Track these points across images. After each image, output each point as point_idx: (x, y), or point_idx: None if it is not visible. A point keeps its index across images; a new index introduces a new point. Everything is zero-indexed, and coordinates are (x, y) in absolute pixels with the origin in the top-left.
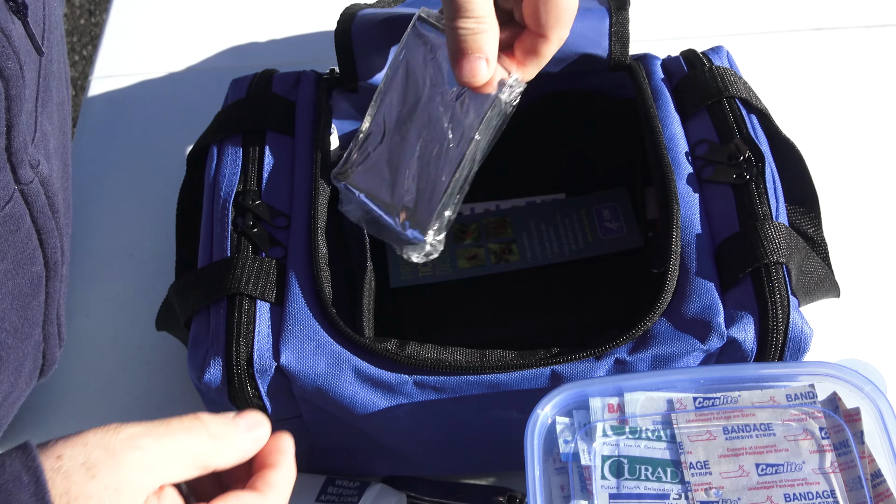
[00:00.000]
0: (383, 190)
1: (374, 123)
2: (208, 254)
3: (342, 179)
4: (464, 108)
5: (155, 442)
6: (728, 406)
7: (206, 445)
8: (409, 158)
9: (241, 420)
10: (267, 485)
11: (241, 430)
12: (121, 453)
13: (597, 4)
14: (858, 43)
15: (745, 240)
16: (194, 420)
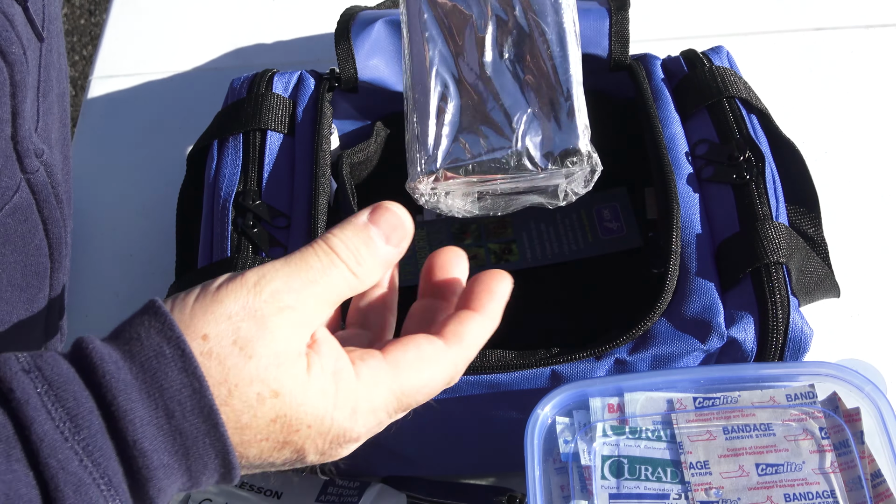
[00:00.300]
0: (497, 143)
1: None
2: (208, 254)
3: (429, 172)
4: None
5: (300, 296)
6: (728, 406)
7: (349, 281)
8: (506, 94)
9: (377, 232)
10: (457, 337)
11: (379, 247)
12: (271, 320)
13: (597, 4)
14: (858, 43)
15: (746, 240)
16: (328, 254)
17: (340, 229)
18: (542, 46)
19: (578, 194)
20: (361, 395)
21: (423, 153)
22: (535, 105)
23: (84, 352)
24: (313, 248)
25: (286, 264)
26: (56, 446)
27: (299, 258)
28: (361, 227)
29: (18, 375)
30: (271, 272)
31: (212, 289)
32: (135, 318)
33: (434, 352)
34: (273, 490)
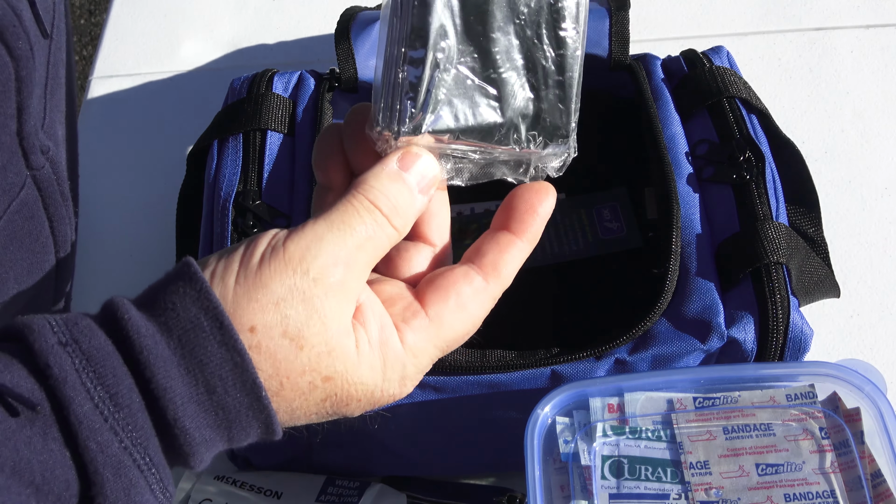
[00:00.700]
0: (488, 113)
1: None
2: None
3: (415, 132)
4: None
5: (347, 268)
6: (728, 406)
7: (391, 237)
8: (506, 62)
9: (411, 179)
10: (496, 270)
11: (416, 196)
12: (320, 301)
13: (597, 5)
14: (858, 43)
15: (746, 240)
16: (370, 211)
17: (376, 178)
18: (551, 18)
19: (547, 176)
20: (409, 362)
21: (404, 106)
22: (533, 78)
23: (119, 323)
24: (354, 206)
25: (329, 229)
26: (95, 427)
27: (342, 221)
28: (395, 176)
29: (55, 349)
30: (315, 243)
31: (252, 266)
32: (169, 283)
33: (473, 293)
34: (273, 490)
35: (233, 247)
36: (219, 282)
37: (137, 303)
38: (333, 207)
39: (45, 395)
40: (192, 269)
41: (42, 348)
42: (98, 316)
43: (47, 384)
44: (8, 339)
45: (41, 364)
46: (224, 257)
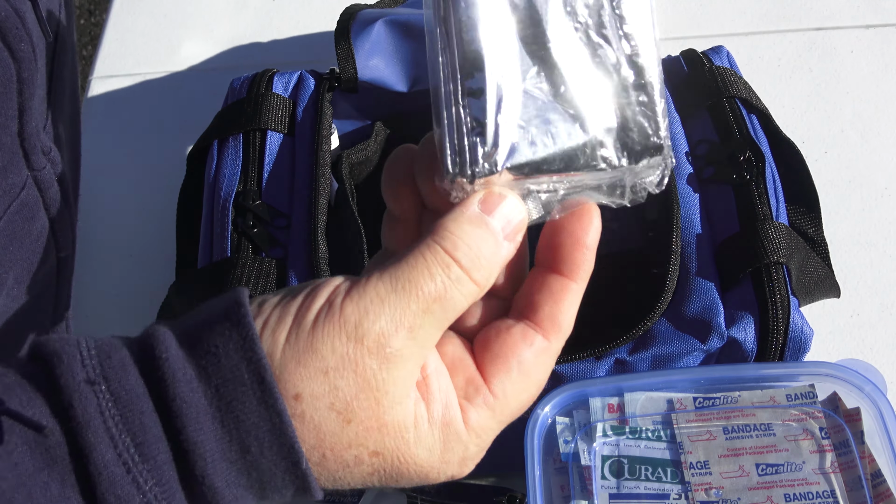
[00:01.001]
0: (567, 134)
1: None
2: (208, 254)
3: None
4: None
5: (411, 336)
6: (728, 406)
7: (470, 295)
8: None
9: (495, 225)
10: (555, 324)
11: (501, 245)
12: (374, 376)
13: None
14: (858, 43)
15: (746, 240)
16: (446, 266)
17: (455, 223)
18: (615, 15)
19: (649, 193)
20: (471, 443)
21: (473, 145)
22: (610, 85)
23: (156, 362)
24: (426, 260)
25: (392, 289)
26: (117, 479)
27: (408, 278)
28: (478, 221)
29: (81, 388)
30: (375, 305)
31: (306, 325)
32: (216, 320)
33: (535, 356)
34: None
35: (292, 292)
36: (269, 335)
37: (180, 334)
38: (402, 258)
39: (65, 438)
40: (243, 311)
41: (67, 384)
42: (136, 344)
43: (68, 426)
44: (36, 358)
45: (65, 402)
46: (280, 306)
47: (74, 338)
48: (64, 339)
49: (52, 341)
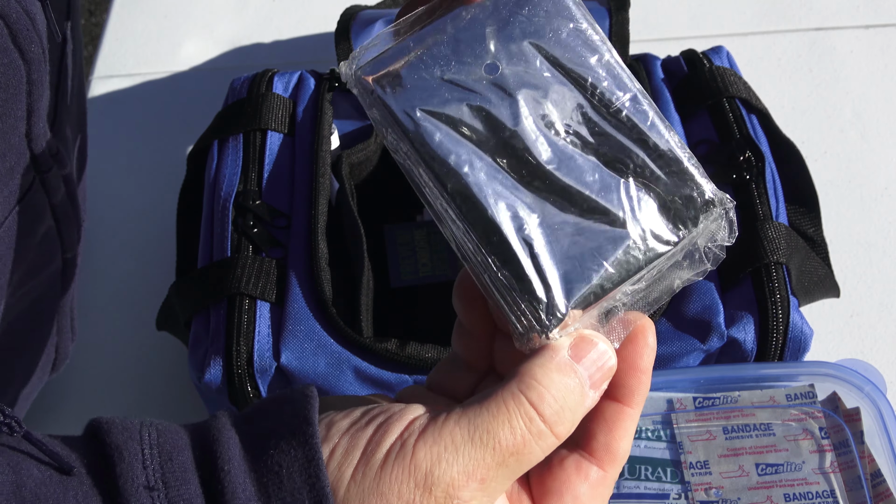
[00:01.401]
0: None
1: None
2: (208, 254)
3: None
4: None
5: (483, 488)
6: (728, 406)
7: (548, 447)
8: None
9: (584, 375)
10: (611, 454)
11: (587, 397)
12: None
13: (597, 5)
14: (858, 43)
15: (746, 240)
16: (529, 420)
17: (542, 371)
18: (590, 96)
19: (728, 244)
20: None
21: (529, 304)
22: (627, 171)
23: (218, 474)
24: (507, 410)
25: (469, 438)
26: None
27: (487, 428)
28: (567, 369)
29: (140, 493)
30: (449, 454)
31: (374, 464)
32: (282, 437)
33: (591, 489)
34: None
35: (365, 415)
36: (335, 467)
37: (245, 439)
38: (483, 403)
39: None
40: (311, 431)
41: (126, 488)
42: (198, 442)
43: None
44: (96, 440)
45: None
46: (350, 434)
47: (137, 424)
48: (126, 428)
49: (115, 430)
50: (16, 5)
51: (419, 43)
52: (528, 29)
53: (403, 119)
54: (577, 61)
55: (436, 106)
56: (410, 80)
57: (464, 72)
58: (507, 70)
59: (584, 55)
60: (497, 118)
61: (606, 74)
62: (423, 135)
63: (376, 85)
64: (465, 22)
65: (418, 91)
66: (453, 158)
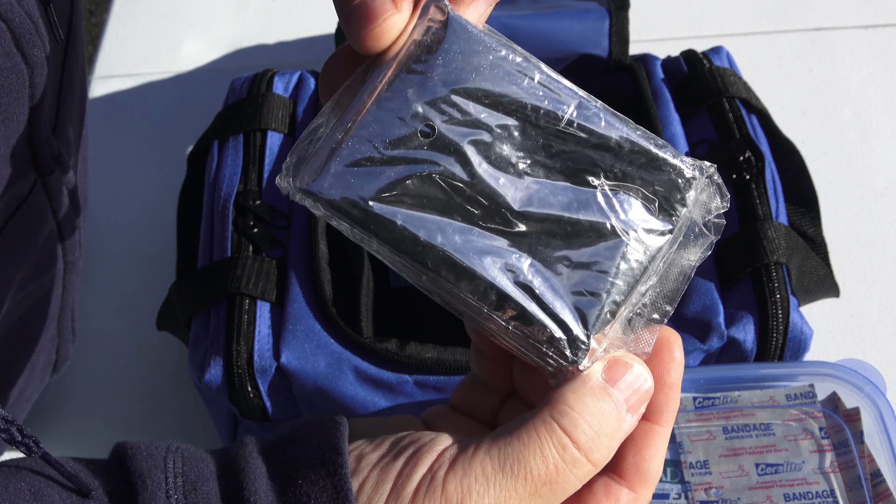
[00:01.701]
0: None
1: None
2: (209, 254)
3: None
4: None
5: None
6: (728, 406)
7: (584, 476)
8: (559, 195)
9: (619, 399)
10: (642, 475)
11: (624, 422)
12: None
13: (596, 5)
14: (858, 43)
15: (745, 240)
16: (562, 447)
17: (576, 397)
18: (535, 120)
19: (724, 209)
20: None
21: (553, 346)
22: (599, 179)
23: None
24: (539, 439)
25: (500, 468)
26: None
27: (517, 458)
28: (601, 393)
29: None
30: (480, 485)
31: (405, 499)
32: (310, 467)
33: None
34: None
35: (394, 448)
36: (366, 500)
37: (272, 467)
38: (514, 432)
39: None
40: (340, 461)
41: None
42: (224, 469)
43: None
44: (121, 467)
45: None
46: (379, 467)
47: (162, 451)
48: (151, 455)
49: (139, 456)
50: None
51: (345, 130)
52: (450, 78)
53: (359, 216)
54: (509, 91)
55: (385, 189)
56: (350, 172)
57: (401, 144)
58: (442, 127)
59: (515, 82)
60: (451, 177)
61: (544, 92)
62: (383, 224)
63: (318, 191)
64: (384, 93)
65: (362, 181)
66: (423, 234)
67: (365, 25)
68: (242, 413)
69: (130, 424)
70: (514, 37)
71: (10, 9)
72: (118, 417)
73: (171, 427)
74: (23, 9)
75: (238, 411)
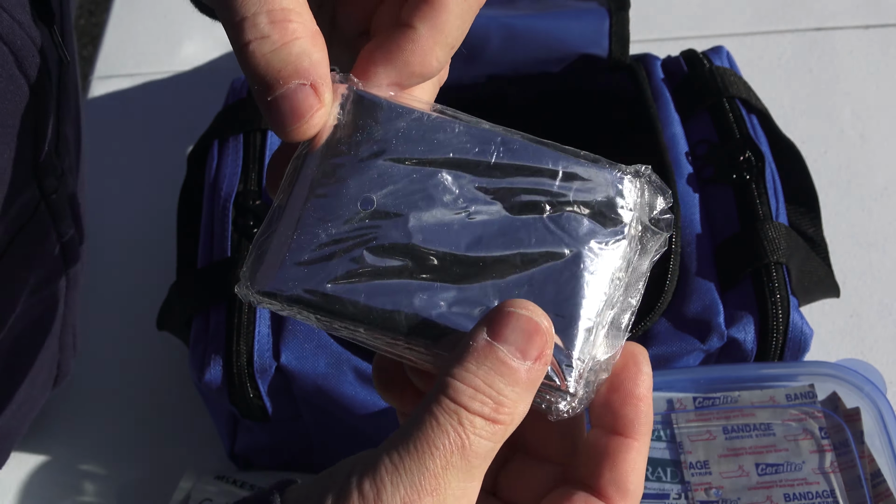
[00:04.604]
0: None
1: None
2: (209, 254)
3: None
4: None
5: (440, 499)
6: (728, 406)
7: (494, 435)
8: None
9: (509, 350)
10: (622, 490)
11: (519, 371)
12: None
13: (596, 5)
14: (858, 43)
15: (745, 240)
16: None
17: (460, 364)
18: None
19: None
20: None
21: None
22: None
23: None
24: (435, 414)
25: (407, 453)
26: None
27: (420, 439)
28: (486, 351)
29: None
30: (391, 475)
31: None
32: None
33: None
34: None
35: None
36: None
37: None
38: (409, 419)
39: None
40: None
41: None
42: None
43: None
44: None
45: None
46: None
47: None
48: None
49: None
50: (20, 32)
51: (290, 224)
52: (375, 148)
53: (320, 303)
54: (433, 147)
55: (339, 270)
56: (303, 264)
57: (344, 224)
58: (379, 197)
59: (436, 137)
60: (399, 242)
61: (467, 139)
62: (347, 304)
63: (277, 290)
64: (318, 180)
65: (316, 269)
66: (388, 303)
67: (292, 123)
68: (242, 413)
69: (130, 424)
70: (513, 37)
71: (12, 31)
72: (118, 417)
73: (171, 427)
74: (24, 31)
75: (238, 411)
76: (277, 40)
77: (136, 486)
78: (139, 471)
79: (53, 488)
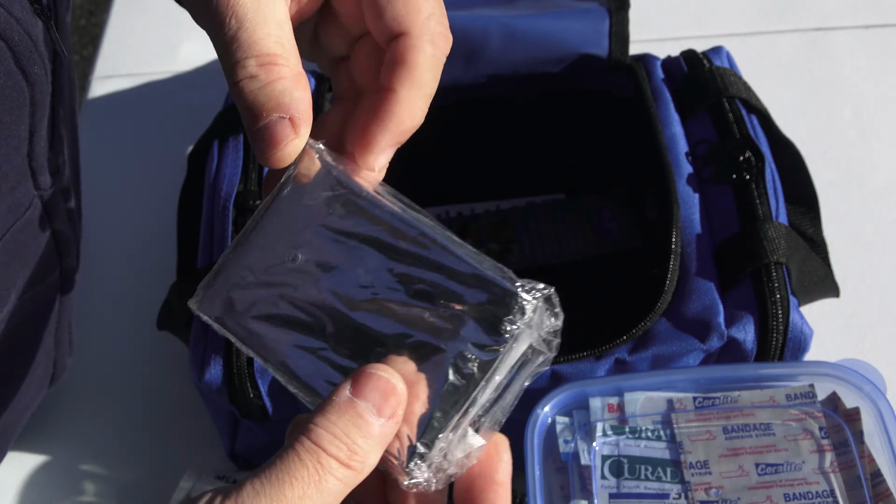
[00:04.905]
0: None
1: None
2: (209, 254)
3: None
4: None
5: None
6: (728, 406)
7: (346, 478)
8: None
9: (366, 406)
10: None
11: (372, 425)
12: None
13: (596, 5)
14: (858, 43)
15: (745, 240)
16: (314, 453)
17: (322, 414)
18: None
19: (557, 328)
20: None
21: (392, 458)
22: (436, 300)
23: None
24: (297, 451)
25: (268, 481)
26: None
27: (282, 470)
28: (346, 406)
29: None
30: (252, 499)
31: None
32: None
33: None
34: None
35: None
36: None
37: None
38: (276, 455)
39: None
40: None
41: None
42: None
43: None
44: None
45: None
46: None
47: None
48: None
49: None
50: (17, 27)
51: (244, 252)
52: (320, 211)
53: (236, 330)
54: (362, 224)
55: (257, 309)
56: (233, 294)
57: (271, 270)
58: (303, 256)
59: (368, 216)
60: (311, 300)
61: (390, 222)
62: (255, 337)
63: (207, 312)
64: (267, 223)
65: (241, 302)
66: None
67: (269, 149)
68: (242, 413)
69: (131, 424)
70: (513, 37)
71: (10, 27)
72: (118, 417)
73: (171, 427)
74: (21, 27)
75: (238, 411)
76: (264, 79)
77: (136, 486)
78: (139, 471)
79: (53, 488)
